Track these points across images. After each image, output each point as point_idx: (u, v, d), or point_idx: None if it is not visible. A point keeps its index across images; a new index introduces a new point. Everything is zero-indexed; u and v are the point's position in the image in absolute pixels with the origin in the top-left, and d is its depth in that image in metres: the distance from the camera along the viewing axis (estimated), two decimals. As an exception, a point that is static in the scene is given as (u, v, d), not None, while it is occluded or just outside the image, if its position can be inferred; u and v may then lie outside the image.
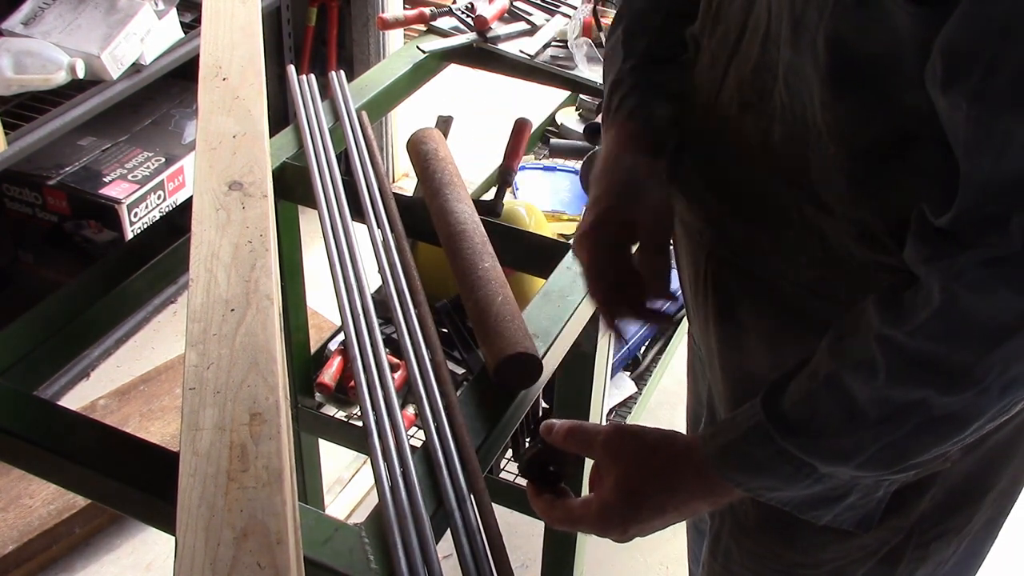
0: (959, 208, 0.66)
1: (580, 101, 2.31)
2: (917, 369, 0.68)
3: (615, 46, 1.01)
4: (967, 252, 0.65)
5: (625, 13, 1.02)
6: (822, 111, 0.78)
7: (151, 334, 2.53)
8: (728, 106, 0.88)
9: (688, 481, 0.81)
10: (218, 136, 1.25)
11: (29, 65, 1.93)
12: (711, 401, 1.04)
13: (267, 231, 1.10)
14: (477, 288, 1.11)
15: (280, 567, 0.76)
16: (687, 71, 0.96)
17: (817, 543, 0.99)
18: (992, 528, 1.02)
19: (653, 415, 2.28)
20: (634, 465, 0.82)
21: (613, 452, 0.84)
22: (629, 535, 0.84)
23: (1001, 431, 0.91)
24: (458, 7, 1.87)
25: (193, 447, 0.86)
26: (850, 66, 0.74)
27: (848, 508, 0.80)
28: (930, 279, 0.68)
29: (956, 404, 0.68)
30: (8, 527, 1.89)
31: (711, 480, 0.79)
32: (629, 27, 1.01)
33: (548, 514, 0.89)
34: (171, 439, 2.02)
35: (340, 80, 1.58)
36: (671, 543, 2.05)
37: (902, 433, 0.71)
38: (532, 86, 1.85)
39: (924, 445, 0.72)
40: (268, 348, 0.95)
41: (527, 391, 1.07)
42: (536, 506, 0.90)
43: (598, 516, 0.84)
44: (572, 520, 0.87)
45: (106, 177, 2.39)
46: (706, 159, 0.92)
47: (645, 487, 0.82)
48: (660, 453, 0.82)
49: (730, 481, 0.78)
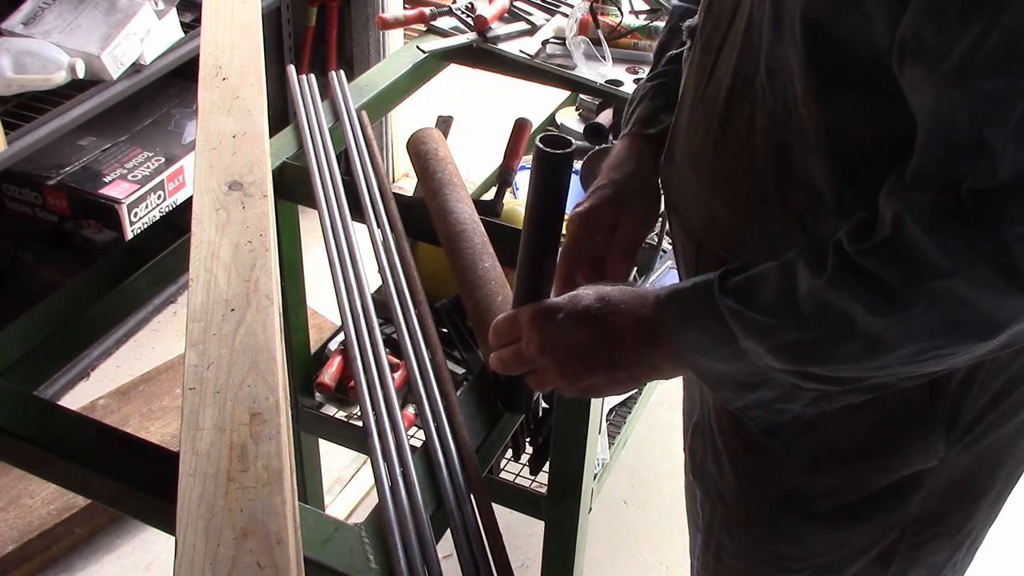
0: (917, 168, 0.69)
1: (580, 101, 2.31)
2: (854, 281, 0.71)
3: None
4: (924, 194, 0.69)
5: (666, 27, 1.11)
6: (803, 98, 0.79)
7: (151, 334, 2.53)
8: (716, 94, 0.89)
9: (628, 326, 0.82)
10: (218, 136, 1.25)
11: (29, 65, 1.93)
12: (704, 399, 1.04)
13: (267, 231, 1.10)
14: (477, 288, 1.11)
15: (280, 567, 0.76)
16: (684, 63, 0.98)
17: (803, 535, 0.99)
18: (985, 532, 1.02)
19: (653, 415, 2.28)
20: (581, 313, 0.84)
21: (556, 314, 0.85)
22: (581, 385, 0.85)
23: (993, 433, 0.91)
24: (458, 7, 1.87)
25: (193, 447, 0.86)
26: (827, 53, 0.75)
27: (758, 405, 0.80)
28: (885, 207, 0.71)
29: (878, 326, 0.70)
30: (8, 527, 1.89)
31: (648, 326, 0.81)
32: (662, 41, 1.11)
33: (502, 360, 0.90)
34: (171, 439, 2.02)
35: (340, 80, 1.58)
36: (671, 543, 2.06)
37: (821, 334, 0.73)
38: (532, 86, 1.85)
39: (835, 355, 0.74)
40: (268, 348, 0.95)
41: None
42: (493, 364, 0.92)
43: (546, 355, 0.85)
44: (520, 359, 0.88)
45: (106, 177, 2.39)
46: (696, 148, 0.92)
47: (591, 329, 0.83)
48: (612, 299, 0.84)
49: (663, 327, 0.79)
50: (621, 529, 2.10)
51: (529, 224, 0.88)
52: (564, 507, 1.52)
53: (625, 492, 2.18)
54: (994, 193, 0.65)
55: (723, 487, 1.03)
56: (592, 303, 0.84)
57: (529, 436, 1.77)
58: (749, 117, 0.85)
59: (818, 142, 0.79)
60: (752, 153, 0.85)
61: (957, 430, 0.89)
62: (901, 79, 0.71)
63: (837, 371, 0.75)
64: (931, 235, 0.67)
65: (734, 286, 0.77)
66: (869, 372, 0.74)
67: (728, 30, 0.88)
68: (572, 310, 0.84)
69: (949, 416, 0.88)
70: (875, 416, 0.89)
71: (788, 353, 0.75)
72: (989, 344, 0.70)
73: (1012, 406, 0.90)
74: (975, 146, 0.65)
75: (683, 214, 0.98)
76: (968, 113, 0.65)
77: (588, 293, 0.85)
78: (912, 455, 0.91)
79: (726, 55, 0.88)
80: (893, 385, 0.77)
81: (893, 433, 0.90)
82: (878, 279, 0.70)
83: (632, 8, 1.88)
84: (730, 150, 0.88)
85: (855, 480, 0.94)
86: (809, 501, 0.97)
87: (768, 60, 0.81)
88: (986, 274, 0.66)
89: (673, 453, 2.22)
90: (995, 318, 0.68)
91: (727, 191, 0.90)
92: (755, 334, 0.75)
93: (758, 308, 0.75)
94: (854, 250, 0.71)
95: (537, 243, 0.88)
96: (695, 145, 0.92)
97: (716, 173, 0.90)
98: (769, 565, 1.03)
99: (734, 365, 0.78)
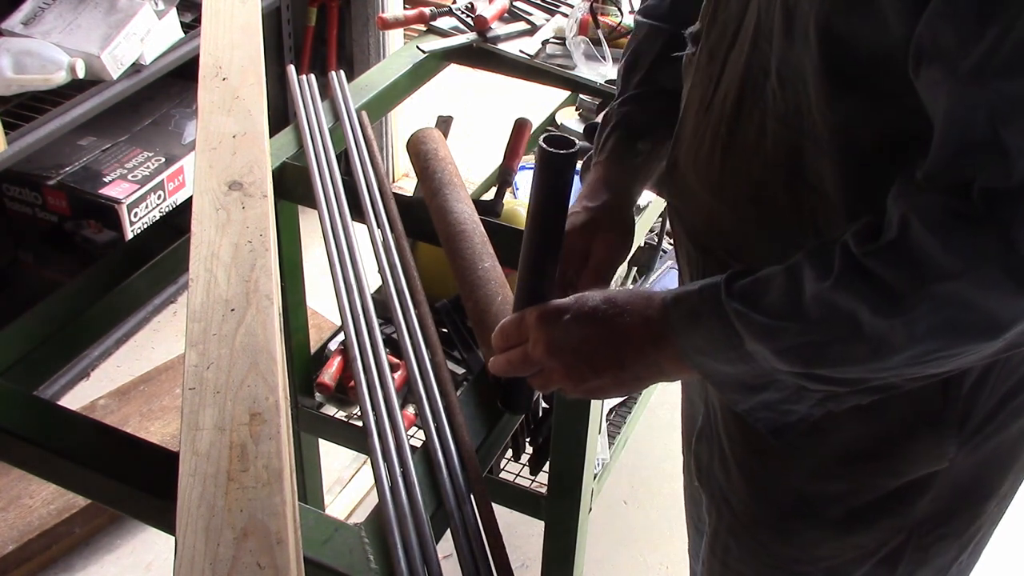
0: (930, 167, 0.69)
1: (580, 101, 2.31)
2: (860, 283, 0.71)
3: (617, 81, 1.10)
4: (933, 195, 0.69)
5: (631, 45, 1.09)
6: (817, 103, 0.79)
7: (151, 334, 2.53)
8: (724, 101, 0.88)
9: (635, 328, 0.82)
10: (218, 136, 1.24)
11: (29, 65, 1.93)
12: (710, 404, 1.04)
13: (267, 231, 1.10)
14: (477, 288, 1.11)
15: (280, 567, 0.76)
16: (685, 70, 0.98)
17: (812, 540, 0.99)
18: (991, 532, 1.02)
19: (653, 415, 2.28)
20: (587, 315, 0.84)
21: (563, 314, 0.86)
22: (587, 386, 0.85)
23: (1001, 433, 0.91)
24: (458, 7, 1.87)
25: (193, 447, 0.86)
26: (842, 57, 0.75)
27: (765, 406, 0.81)
28: (893, 209, 0.71)
29: (883, 328, 0.70)
30: (8, 527, 1.89)
31: (655, 328, 0.81)
32: (628, 60, 1.09)
33: (508, 362, 0.90)
34: (171, 439, 2.02)
35: (340, 80, 1.58)
36: (671, 543, 2.06)
37: (827, 337, 0.73)
38: (532, 86, 1.85)
39: (841, 357, 0.74)
40: (268, 348, 0.95)
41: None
42: (496, 367, 0.92)
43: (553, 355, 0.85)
44: (528, 360, 0.88)
45: (106, 177, 2.39)
46: (702, 154, 0.92)
47: (598, 330, 0.83)
48: (618, 300, 0.84)
49: (670, 329, 0.80)
50: (621, 529, 2.10)
51: (531, 224, 0.88)
52: (564, 507, 1.52)
53: (625, 492, 2.18)
54: (1006, 193, 0.65)
55: (730, 492, 1.03)
56: (599, 304, 0.84)
57: (529, 436, 1.77)
58: (759, 123, 0.85)
59: (831, 147, 0.79)
60: (763, 159, 0.85)
61: (967, 432, 0.89)
62: (917, 82, 0.71)
63: (843, 373, 0.75)
64: (937, 236, 0.67)
65: (740, 289, 0.77)
66: (875, 373, 0.74)
67: (735, 37, 0.87)
68: (579, 311, 0.84)
69: (960, 419, 0.88)
70: (885, 420, 0.89)
71: (794, 355, 0.75)
72: (994, 344, 0.70)
73: (1020, 406, 0.90)
74: (991, 146, 0.66)
75: (687, 219, 0.98)
76: (985, 114, 0.65)
77: (595, 295, 0.85)
78: (922, 458, 0.91)
79: (733, 62, 0.87)
80: (899, 386, 0.77)
81: (904, 437, 0.90)
82: (884, 281, 0.70)
83: (632, 8, 1.88)
84: (739, 156, 0.88)
85: (864, 484, 0.94)
86: (818, 506, 0.97)
87: (780, 65, 0.81)
88: (993, 274, 0.66)
89: (673, 453, 2.22)
90: (1001, 319, 0.68)
91: (736, 197, 0.89)
92: (761, 337, 0.75)
93: (764, 311, 0.75)
94: (860, 252, 0.71)
95: (540, 244, 0.88)
96: (701, 152, 0.92)
97: (724, 179, 0.90)
98: (776, 569, 1.03)
99: (740, 367, 0.78)
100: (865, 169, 0.79)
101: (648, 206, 1.55)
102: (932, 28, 0.68)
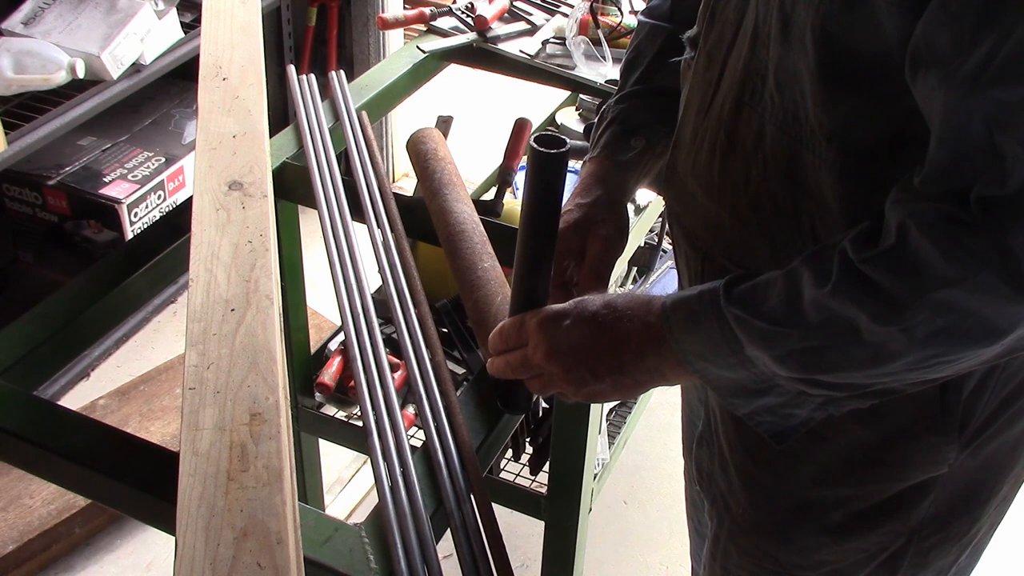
0: (927, 174, 0.69)
1: (580, 101, 2.31)
2: (858, 290, 0.71)
3: (618, 78, 1.10)
4: (930, 202, 0.69)
5: (633, 44, 1.09)
6: (814, 108, 0.78)
7: (151, 334, 2.53)
8: (722, 107, 0.88)
9: (635, 333, 0.82)
10: (218, 136, 1.25)
11: (29, 65, 1.93)
12: (710, 410, 1.04)
13: (267, 231, 1.10)
14: (477, 288, 1.11)
15: (280, 567, 0.76)
16: (683, 74, 0.97)
17: (812, 545, 0.99)
18: (990, 534, 1.02)
19: (653, 415, 2.28)
20: (589, 318, 0.84)
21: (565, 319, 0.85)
22: (587, 391, 0.85)
23: (1001, 437, 0.91)
24: (458, 7, 1.87)
25: (193, 447, 0.86)
26: (840, 63, 0.75)
27: (766, 410, 0.81)
28: (891, 215, 0.71)
29: (882, 335, 0.70)
30: (8, 527, 1.89)
31: (655, 333, 0.81)
32: (629, 59, 1.09)
33: (508, 363, 0.90)
34: (171, 439, 2.02)
35: (340, 80, 1.58)
36: (671, 543, 2.06)
37: (827, 343, 0.73)
38: (532, 86, 1.85)
39: (841, 363, 0.74)
40: (268, 348, 0.95)
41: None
42: (495, 368, 0.92)
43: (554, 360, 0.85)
44: (527, 364, 0.88)
45: (106, 177, 2.39)
46: (701, 159, 0.92)
47: (598, 335, 0.83)
48: (618, 305, 0.84)
49: (670, 334, 0.80)
50: (621, 529, 2.10)
51: (525, 225, 0.88)
52: (564, 507, 1.52)
53: (625, 492, 2.18)
54: (1003, 200, 0.65)
55: (731, 498, 1.03)
56: (599, 309, 0.84)
57: (529, 436, 1.77)
58: (758, 128, 0.85)
59: (829, 152, 0.79)
60: (762, 164, 0.85)
61: (966, 436, 0.89)
62: (914, 88, 0.71)
63: (843, 378, 0.75)
64: (935, 243, 0.67)
65: (740, 294, 0.77)
66: (874, 379, 0.74)
67: (733, 41, 0.87)
68: (579, 316, 0.84)
69: (960, 423, 0.88)
70: (885, 426, 0.89)
71: (793, 361, 0.75)
72: (993, 350, 0.70)
73: (1019, 410, 0.90)
74: (987, 153, 0.66)
75: (686, 224, 0.98)
76: (982, 121, 0.65)
77: (595, 299, 0.85)
78: (922, 463, 0.91)
79: (731, 67, 0.87)
80: (899, 390, 0.77)
81: (904, 442, 0.90)
82: (882, 288, 0.70)
83: (632, 8, 1.88)
84: (738, 161, 0.88)
85: (864, 489, 0.94)
86: (818, 511, 0.97)
87: (777, 70, 0.81)
88: (991, 281, 0.66)
89: (673, 453, 2.22)
90: (999, 325, 0.68)
91: (735, 202, 0.89)
92: (760, 342, 0.75)
93: (763, 316, 0.75)
94: (859, 258, 0.71)
95: (534, 244, 0.88)
96: (700, 156, 0.92)
97: (723, 184, 0.90)
98: (777, 574, 1.03)
99: (741, 372, 0.78)
100: (863, 174, 0.78)
101: (648, 206, 1.54)
102: (928, 34, 0.68)
